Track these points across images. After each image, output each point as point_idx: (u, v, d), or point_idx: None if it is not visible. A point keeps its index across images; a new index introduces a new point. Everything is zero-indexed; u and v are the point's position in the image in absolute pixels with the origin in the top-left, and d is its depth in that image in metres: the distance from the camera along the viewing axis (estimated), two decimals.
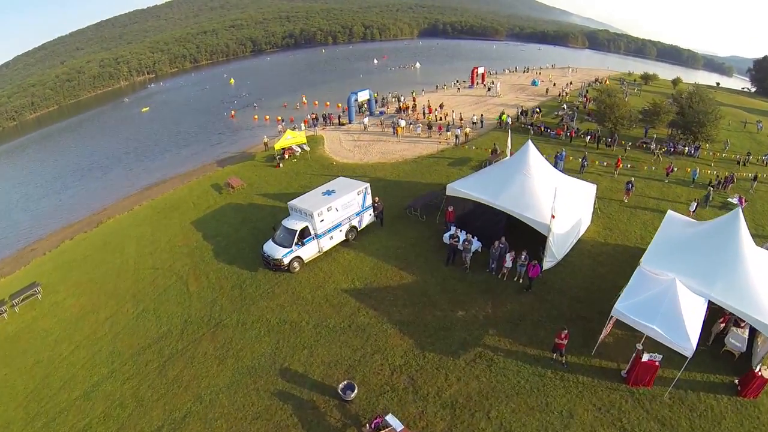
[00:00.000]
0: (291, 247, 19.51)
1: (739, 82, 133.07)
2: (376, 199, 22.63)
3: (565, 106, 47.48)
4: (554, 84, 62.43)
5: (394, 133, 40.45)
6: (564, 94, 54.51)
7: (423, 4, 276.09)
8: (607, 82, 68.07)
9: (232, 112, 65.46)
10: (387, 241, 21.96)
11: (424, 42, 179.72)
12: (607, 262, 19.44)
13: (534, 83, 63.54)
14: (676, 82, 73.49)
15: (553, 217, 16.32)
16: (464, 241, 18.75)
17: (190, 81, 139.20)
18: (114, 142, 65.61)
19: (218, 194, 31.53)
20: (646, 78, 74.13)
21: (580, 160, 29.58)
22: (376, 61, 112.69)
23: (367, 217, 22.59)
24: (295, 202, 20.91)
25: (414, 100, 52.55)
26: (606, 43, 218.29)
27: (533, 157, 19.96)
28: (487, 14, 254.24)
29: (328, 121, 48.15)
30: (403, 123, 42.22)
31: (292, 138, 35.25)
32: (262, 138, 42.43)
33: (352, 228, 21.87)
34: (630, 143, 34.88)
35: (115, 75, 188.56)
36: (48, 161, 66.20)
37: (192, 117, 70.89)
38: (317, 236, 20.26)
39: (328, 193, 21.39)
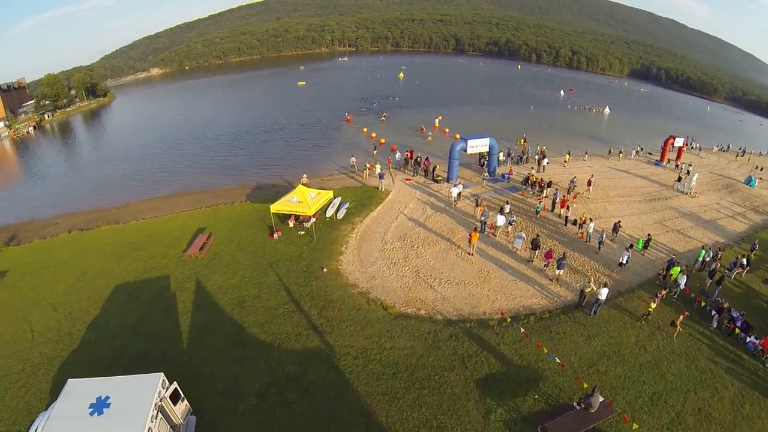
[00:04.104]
0: None
1: None
2: None
3: None
4: None
5: (478, 231, 23.82)
6: None
7: (642, 41, 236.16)
8: None
9: (348, 116, 58.00)
10: None
11: (631, 83, 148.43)
12: None
13: (750, 182, 37.49)
14: None
15: None
16: None
17: (374, 64, 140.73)
18: (226, 116, 66.84)
19: (181, 251, 23.55)
20: None
21: None
22: (562, 93, 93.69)
23: None
24: (68, 390, 11.43)
25: (587, 188, 31.94)
26: None
27: None
28: (709, 68, 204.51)
29: (420, 168, 34.40)
30: (500, 221, 25.25)
31: (297, 202, 23.74)
32: (308, 173, 32.99)
33: None
34: None
35: (318, 41, 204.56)
36: (173, 113, 70.65)
37: (318, 108, 67.50)
38: None
39: (96, 408, 10.77)
